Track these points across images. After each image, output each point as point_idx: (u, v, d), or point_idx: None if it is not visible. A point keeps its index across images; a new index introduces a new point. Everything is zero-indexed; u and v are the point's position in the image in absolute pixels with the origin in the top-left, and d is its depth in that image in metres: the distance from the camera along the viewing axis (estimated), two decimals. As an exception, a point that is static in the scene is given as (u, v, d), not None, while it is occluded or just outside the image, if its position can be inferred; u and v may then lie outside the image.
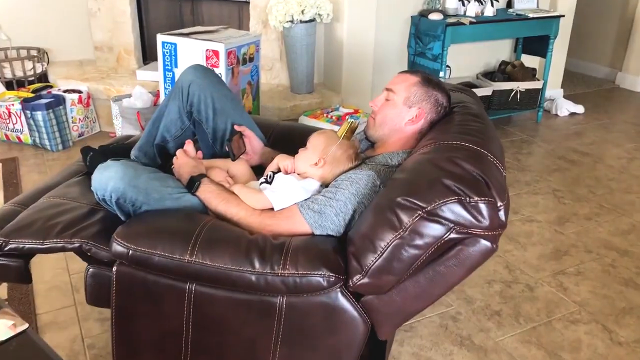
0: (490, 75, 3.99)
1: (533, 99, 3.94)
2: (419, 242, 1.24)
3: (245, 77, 2.91)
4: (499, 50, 4.17)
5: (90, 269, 1.48)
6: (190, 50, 2.72)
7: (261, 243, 1.37)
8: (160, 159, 1.90)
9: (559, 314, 2.07)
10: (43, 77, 3.87)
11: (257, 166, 1.79)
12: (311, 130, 2.12)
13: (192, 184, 1.54)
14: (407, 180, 1.32)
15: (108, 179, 1.45)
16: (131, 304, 1.44)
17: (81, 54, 4.10)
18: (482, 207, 1.21)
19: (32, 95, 3.47)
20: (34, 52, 3.87)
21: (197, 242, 1.36)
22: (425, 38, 3.54)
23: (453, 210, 1.21)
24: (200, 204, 1.54)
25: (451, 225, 1.23)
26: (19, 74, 3.74)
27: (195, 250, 1.34)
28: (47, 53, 3.96)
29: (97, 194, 1.47)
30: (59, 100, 3.38)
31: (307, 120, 3.10)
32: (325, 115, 3.10)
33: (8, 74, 3.73)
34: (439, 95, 1.60)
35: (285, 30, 3.31)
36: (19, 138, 3.45)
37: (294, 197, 1.48)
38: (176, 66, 2.78)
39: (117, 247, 1.37)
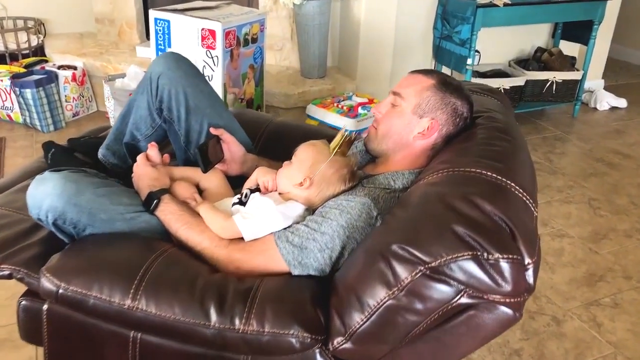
0: (523, 63, 3.61)
1: (570, 91, 3.55)
2: (418, 305, 0.95)
3: (247, 60, 2.61)
4: (535, 36, 3.77)
5: (23, 302, 1.23)
6: (184, 29, 2.43)
7: (222, 287, 1.10)
8: (133, 159, 1.62)
9: (590, 356, 1.76)
10: (39, 51, 3.62)
11: (240, 177, 1.50)
12: (310, 131, 1.83)
13: (150, 202, 1.27)
14: (408, 220, 1.02)
15: (44, 195, 1.18)
16: (66, 349, 1.19)
17: (82, 27, 3.83)
18: (505, 266, 0.91)
19: (23, 70, 3.23)
20: (30, 23, 3.61)
21: (142, 283, 1.09)
22: (453, 20, 3.17)
23: (465, 269, 0.92)
24: (161, 225, 1.27)
25: (462, 287, 0.93)
26: (12, 46, 3.49)
27: (139, 293, 1.08)
28: (44, 24, 3.70)
29: (31, 213, 1.21)
30: (51, 77, 3.13)
31: (315, 110, 2.79)
32: (335, 105, 2.79)
33: (0, 47, 3.49)
34: (458, 103, 1.29)
35: (296, 8, 2.98)
36: (9, 116, 3.22)
37: (269, 225, 1.20)
38: (169, 46, 2.49)
39: (46, 284, 1.11)
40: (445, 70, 3.51)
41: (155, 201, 1.26)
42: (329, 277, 1.16)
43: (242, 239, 1.20)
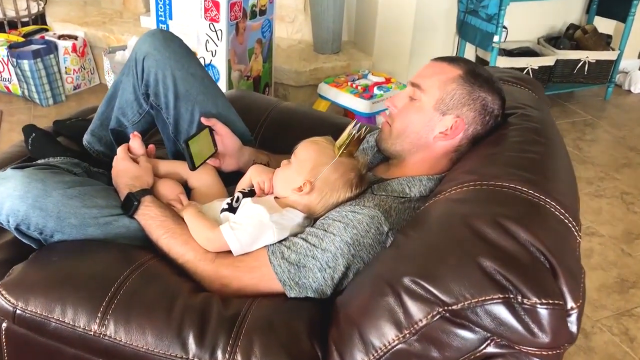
0: (554, 41, 3.35)
1: (604, 72, 3.30)
2: (434, 353, 0.79)
3: (254, 34, 2.41)
4: (568, 11, 3.49)
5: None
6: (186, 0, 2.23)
7: (204, 312, 0.94)
8: (118, 146, 1.46)
9: (621, 376, 1.59)
10: (40, 18, 3.45)
11: (236, 173, 1.33)
12: (319, 119, 1.65)
13: (129, 204, 1.10)
14: (425, 246, 0.85)
15: (4, 197, 1.03)
16: (29, 372, 1.04)
17: (86, -7, 3.64)
18: (543, 313, 0.73)
19: (21, 40, 3.06)
20: (31, -11, 3.43)
21: (112, 304, 0.94)
22: (480, -7, 2.93)
23: (494, 315, 0.74)
24: (142, 230, 1.11)
25: (489, 335, 0.76)
26: (11, 13, 3.32)
27: (107, 317, 0.92)
28: (46, -10, 3.51)
29: (-9, 216, 1.05)
30: (50, 48, 2.96)
31: (327, 90, 2.59)
32: (349, 84, 2.59)
33: (-1, 14, 3.32)
34: (489, 98, 1.09)
35: (309, -23, 2.76)
36: (7, 88, 3.07)
37: (262, 237, 1.03)
38: (170, 17, 2.30)
39: (1, 303, 0.96)
40: (470, 48, 3.27)
41: (134, 204, 1.10)
42: (330, 299, 1.00)
43: (230, 252, 1.03)
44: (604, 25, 3.42)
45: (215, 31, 2.22)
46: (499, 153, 1.00)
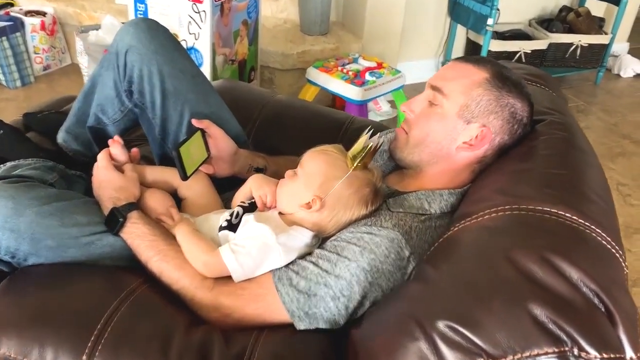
0: (546, 23, 3.25)
1: (596, 56, 3.23)
2: (474, 410, 0.69)
3: (240, 15, 2.25)
4: (560, -8, 3.40)
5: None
6: (166, -23, 2.06)
7: (204, 352, 0.83)
8: (99, 145, 1.32)
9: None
10: (5, -8, 3.20)
11: (230, 179, 1.21)
12: (318, 114, 1.52)
13: (115, 221, 0.98)
14: (460, 283, 0.75)
15: (-33, 217, 0.89)
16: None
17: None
18: (602, 367, 0.64)
19: (-16, 16, 2.84)
20: (-6, -41, 3.17)
21: (98, 344, 0.82)
22: (474, -27, 2.81)
23: (546, 370, 0.65)
24: (127, 248, 0.99)
25: (538, 391, 0.67)
26: (-27, -14, 3.07)
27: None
28: (10, -39, 3.26)
29: (-47, 237, 0.92)
30: (16, 26, 2.75)
31: (316, 75, 2.46)
32: (340, 69, 2.45)
33: (-40, -14, 3.06)
34: (518, 105, 0.99)
35: (297, -47, 2.60)
36: (-30, 68, 2.86)
37: (267, 261, 0.92)
38: (149, -4, 2.13)
39: (-33, 343, 0.83)
40: (461, 30, 3.16)
41: (120, 220, 0.97)
42: (343, 328, 0.90)
43: (231, 276, 0.92)
44: (596, 7, 3.34)
45: (199, 12, 2.06)
46: (531, 169, 0.90)
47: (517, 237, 0.76)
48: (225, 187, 1.21)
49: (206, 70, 2.14)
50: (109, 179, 1.04)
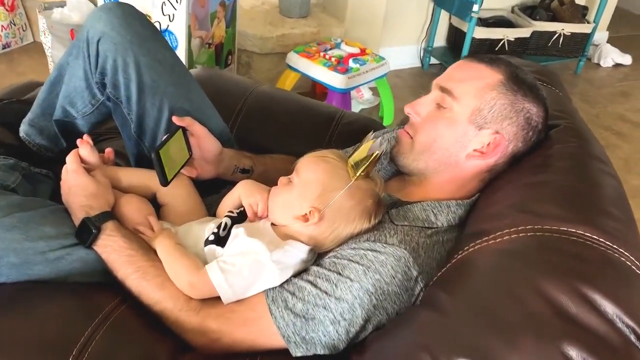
0: (529, 10, 3.20)
1: (577, 45, 3.20)
2: None
3: (218, -4, 2.12)
4: (544, -22, 3.34)
5: None
6: (138, -47, 1.90)
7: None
8: (67, 140, 1.20)
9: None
10: (-41, -38, 2.97)
11: (214, 182, 1.11)
12: (307, 107, 1.42)
13: (87, 233, 0.87)
14: (483, 317, 0.67)
15: None
16: None
17: None
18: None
19: (-63, -12, 2.62)
20: None
21: (70, 381, 0.72)
22: (460, -43, 2.72)
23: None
24: (101, 261, 0.88)
25: None
26: None
27: (64, 399, 0.71)
28: None
29: None
30: (-28, 0, 2.55)
31: (297, 60, 2.35)
32: (322, 55, 2.35)
33: None
34: (533, 110, 0.91)
35: None
36: None
37: (260, 280, 0.83)
38: (119, -27, 1.97)
39: None
40: (444, 16, 3.08)
41: (93, 232, 0.87)
42: (343, 353, 0.82)
43: (219, 297, 0.83)
44: (580, -5, 3.30)
45: (174, -8, 1.93)
46: (548, 183, 0.83)
47: (543, 263, 0.69)
48: (208, 189, 1.11)
49: (181, 54, 2.01)
50: (80, 184, 0.93)
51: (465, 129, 0.90)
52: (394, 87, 2.69)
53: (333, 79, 2.24)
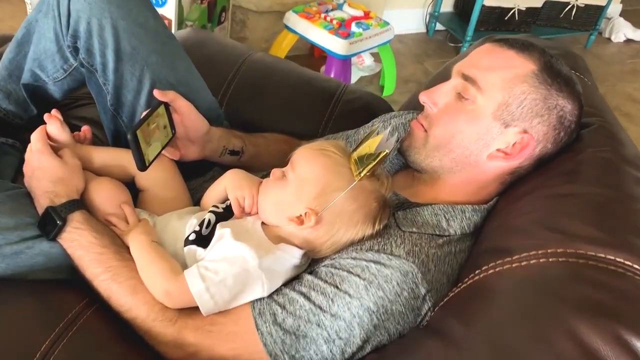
0: (542, -22, 3.02)
1: (590, 18, 3.04)
2: None
3: (213, -53, 1.95)
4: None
5: None
6: None
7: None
8: (38, 106, 1.07)
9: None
10: None
11: (200, 164, 0.99)
12: (310, 79, 1.29)
13: (51, 224, 0.76)
14: (499, 354, 0.58)
15: None
16: None
17: None
18: None
19: None
20: None
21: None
22: None
23: None
24: (66, 255, 0.78)
25: None
26: None
27: None
28: None
29: None
30: None
31: (295, 21, 2.19)
32: (323, 16, 2.19)
33: None
34: (568, 108, 0.80)
35: None
36: None
37: (246, 291, 0.73)
38: None
39: None
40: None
41: (58, 224, 0.76)
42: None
43: (197, 308, 0.73)
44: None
45: (164, -60, 1.75)
46: (580, 195, 0.72)
47: (578, 299, 0.59)
48: (193, 172, 1.00)
49: (171, 10, 1.86)
50: (45, 167, 0.81)
51: (489, 126, 0.79)
52: (396, 54, 2.55)
53: (333, 44, 2.09)
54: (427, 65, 2.77)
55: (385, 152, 0.73)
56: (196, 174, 1.01)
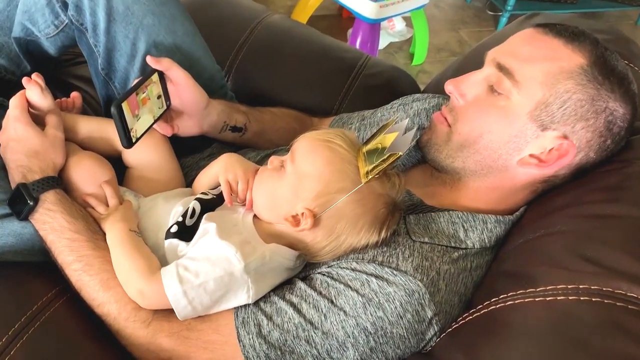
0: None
1: (644, -8, 2.81)
2: None
3: None
4: None
5: None
6: None
7: None
8: (30, 62, 0.99)
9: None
10: None
11: (197, 139, 0.90)
12: (323, 48, 1.18)
13: (22, 203, 0.69)
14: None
15: None
16: None
17: None
18: None
19: None
20: None
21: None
22: None
23: None
24: (37, 240, 0.71)
25: None
26: None
27: None
28: None
29: None
30: None
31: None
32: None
33: None
34: (619, 112, 0.68)
35: None
36: None
37: (229, 297, 0.65)
38: None
39: None
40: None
41: (29, 204, 0.68)
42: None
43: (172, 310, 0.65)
44: None
45: None
46: (623, 217, 0.61)
47: (610, 354, 0.49)
48: (189, 148, 0.91)
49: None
50: (21, 137, 0.73)
51: (524, 127, 0.68)
52: (430, 20, 2.39)
53: (362, 7, 1.95)
54: (463, 34, 2.60)
55: (398, 155, 0.62)
56: (193, 150, 0.92)
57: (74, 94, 0.85)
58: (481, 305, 0.61)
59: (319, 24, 2.29)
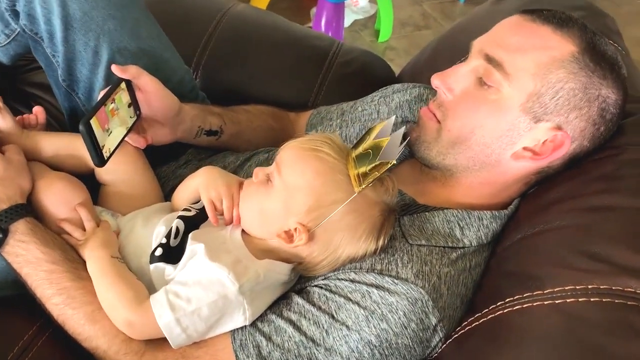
0: None
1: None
2: None
3: None
4: None
5: None
6: None
7: None
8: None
9: None
10: None
11: (171, 147, 0.85)
12: (294, 36, 1.14)
13: (-9, 234, 0.64)
14: None
15: None
16: None
17: None
18: None
19: None
20: None
21: None
22: None
23: None
24: (10, 273, 0.66)
25: None
26: None
27: None
28: None
29: None
30: None
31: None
32: (313, -47, 1.98)
33: None
34: (611, 98, 0.66)
35: None
36: None
37: (224, 321, 0.62)
38: None
39: None
40: None
41: (-2, 236, 0.63)
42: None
43: (165, 339, 0.62)
44: None
45: None
46: (624, 208, 0.60)
47: (627, 358, 0.48)
48: (164, 156, 0.86)
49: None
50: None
51: (516, 120, 0.66)
52: (393, -6, 2.34)
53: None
54: (426, 7, 2.57)
55: (391, 162, 0.59)
56: (168, 159, 0.87)
57: (37, 109, 0.79)
58: (487, 310, 0.59)
59: (279, 4, 2.22)
